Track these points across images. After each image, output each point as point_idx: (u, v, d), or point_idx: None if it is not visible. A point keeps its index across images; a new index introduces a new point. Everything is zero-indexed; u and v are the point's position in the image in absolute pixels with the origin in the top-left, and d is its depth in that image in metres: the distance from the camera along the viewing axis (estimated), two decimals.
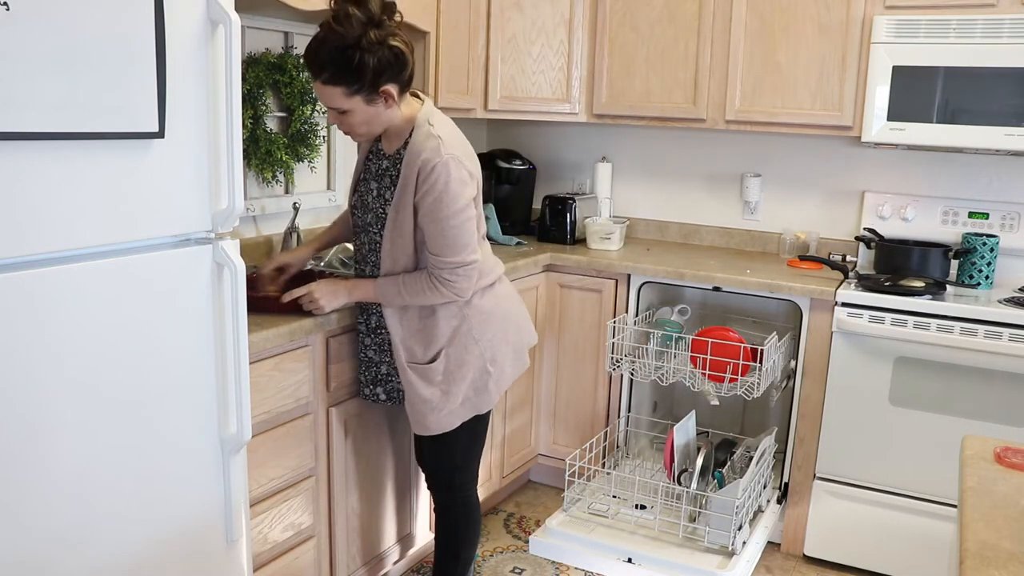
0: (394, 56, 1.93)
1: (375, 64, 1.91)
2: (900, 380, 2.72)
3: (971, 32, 2.68)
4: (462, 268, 2.05)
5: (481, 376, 2.17)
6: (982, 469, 1.45)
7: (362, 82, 1.92)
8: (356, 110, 1.98)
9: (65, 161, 1.41)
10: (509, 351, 2.24)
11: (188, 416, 1.69)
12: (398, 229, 2.07)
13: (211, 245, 1.69)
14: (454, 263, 2.04)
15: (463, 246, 2.04)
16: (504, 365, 2.22)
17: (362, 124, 2.02)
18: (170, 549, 1.69)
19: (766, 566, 2.94)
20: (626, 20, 3.25)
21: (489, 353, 2.17)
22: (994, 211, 3.03)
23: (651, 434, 3.41)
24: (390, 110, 2.02)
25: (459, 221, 2.01)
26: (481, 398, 2.19)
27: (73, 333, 1.46)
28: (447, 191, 1.98)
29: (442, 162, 1.97)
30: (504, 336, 2.22)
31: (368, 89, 1.94)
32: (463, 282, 2.06)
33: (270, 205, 2.73)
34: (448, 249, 2.03)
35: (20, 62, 1.31)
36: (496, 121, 3.92)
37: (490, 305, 2.19)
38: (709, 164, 3.56)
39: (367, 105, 1.98)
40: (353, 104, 1.97)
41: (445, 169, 1.97)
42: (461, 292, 2.08)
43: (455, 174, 1.99)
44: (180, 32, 1.55)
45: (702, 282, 2.99)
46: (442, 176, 1.97)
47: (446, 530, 2.35)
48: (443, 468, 2.30)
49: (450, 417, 2.16)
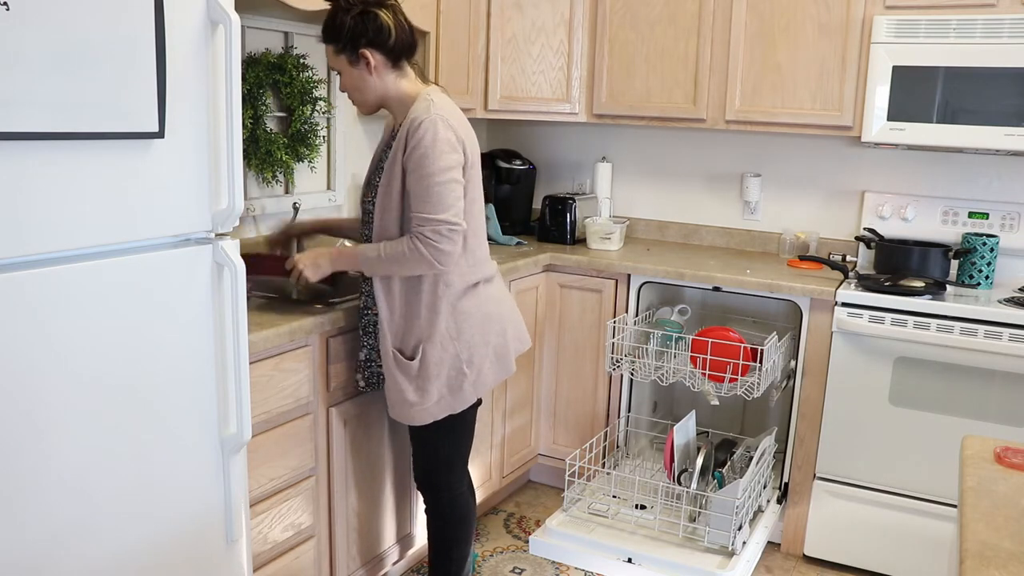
0: (373, 21, 2.04)
1: (351, 24, 2.03)
2: (900, 380, 2.72)
3: (971, 32, 2.68)
4: (445, 227, 2.00)
5: (457, 376, 2.15)
6: (982, 469, 1.45)
7: (342, 41, 2.06)
8: (344, 71, 2.11)
9: (65, 161, 1.41)
10: (489, 354, 2.20)
11: (188, 416, 1.69)
12: (388, 195, 2.09)
13: (211, 245, 1.69)
14: (436, 220, 2.00)
15: (448, 205, 2.01)
16: (483, 368, 2.19)
17: (353, 89, 2.13)
18: (170, 549, 1.69)
19: (766, 566, 2.94)
20: (626, 20, 3.25)
21: (466, 354, 2.15)
22: (994, 211, 3.03)
23: (651, 434, 3.41)
24: (376, 79, 2.09)
25: (445, 179, 2.01)
26: (456, 398, 2.17)
27: (73, 333, 1.46)
28: (434, 147, 2.00)
29: (430, 119, 2.01)
30: (484, 339, 2.18)
31: (349, 50, 2.06)
32: (445, 243, 2.01)
33: (270, 205, 2.73)
34: (431, 206, 2.00)
35: (20, 62, 1.31)
36: (496, 121, 3.92)
37: (471, 306, 2.16)
38: (709, 164, 3.56)
39: (350, 67, 2.09)
40: (340, 64, 2.10)
41: (433, 126, 2.01)
42: (441, 256, 2.01)
43: (442, 133, 2.01)
44: (180, 32, 1.55)
45: (702, 282, 2.99)
46: (429, 132, 2.00)
47: (436, 530, 2.35)
48: (427, 467, 2.30)
49: (423, 413, 2.16)
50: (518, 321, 2.34)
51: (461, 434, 2.28)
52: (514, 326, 2.31)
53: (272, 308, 2.16)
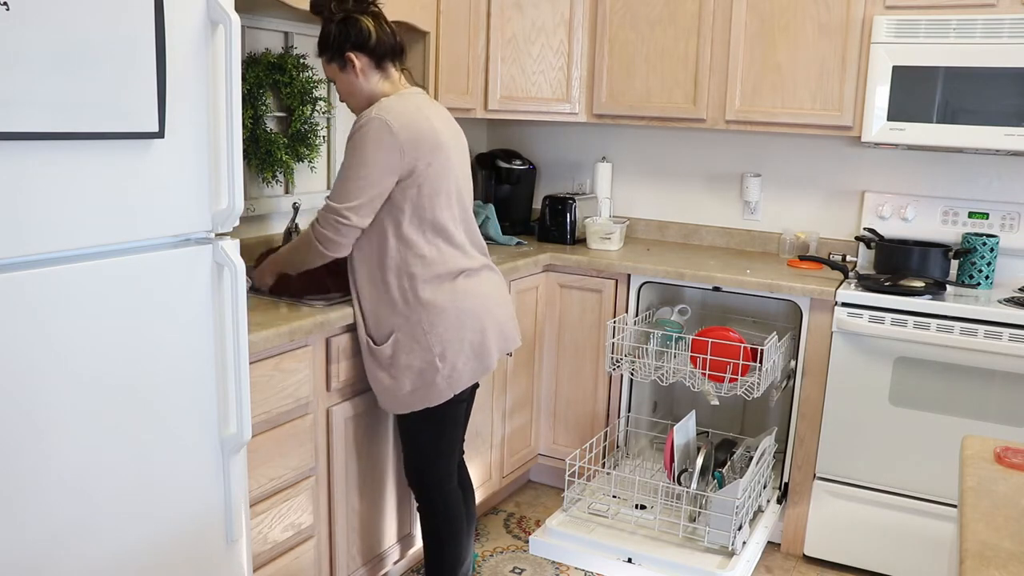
0: (354, 26, 2.12)
1: (336, 31, 2.13)
2: (900, 380, 2.72)
3: (971, 32, 2.68)
4: (334, 216, 2.07)
5: (429, 369, 2.15)
6: (982, 469, 1.45)
7: (330, 50, 2.15)
8: (337, 79, 2.19)
9: (65, 161, 1.41)
10: (465, 349, 2.19)
11: (188, 416, 1.69)
12: None
13: (211, 245, 1.69)
14: (331, 207, 2.08)
15: (344, 195, 2.07)
16: (457, 363, 2.18)
17: (347, 95, 2.20)
18: (170, 549, 1.69)
19: (766, 566, 2.94)
20: (626, 20, 3.25)
21: (439, 348, 2.15)
22: (994, 211, 3.03)
23: (651, 434, 3.41)
24: (364, 81, 2.16)
25: (356, 174, 2.06)
26: (430, 392, 2.17)
27: (73, 333, 1.46)
28: (363, 142, 2.05)
29: (370, 118, 2.07)
30: (458, 334, 2.17)
31: (337, 56, 2.15)
32: (330, 231, 2.08)
33: (270, 205, 2.73)
34: (334, 194, 2.09)
35: (20, 62, 1.31)
36: (496, 121, 3.92)
37: (444, 300, 2.15)
38: (709, 164, 3.56)
39: (341, 73, 2.17)
40: (333, 72, 2.19)
41: (369, 125, 2.06)
42: (326, 242, 2.09)
43: (374, 134, 2.05)
44: (180, 32, 1.55)
45: (702, 282, 2.99)
46: (362, 129, 2.07)
47: (426, 528, 2.36)
48: (412, 462, 2.32)
49: (397, 403, 2.20)
50: (503, 318, 2.29)
51: (443, 428, 2.27)
52: (497, 323, 2.27)
53: (272, 308, 2.16)
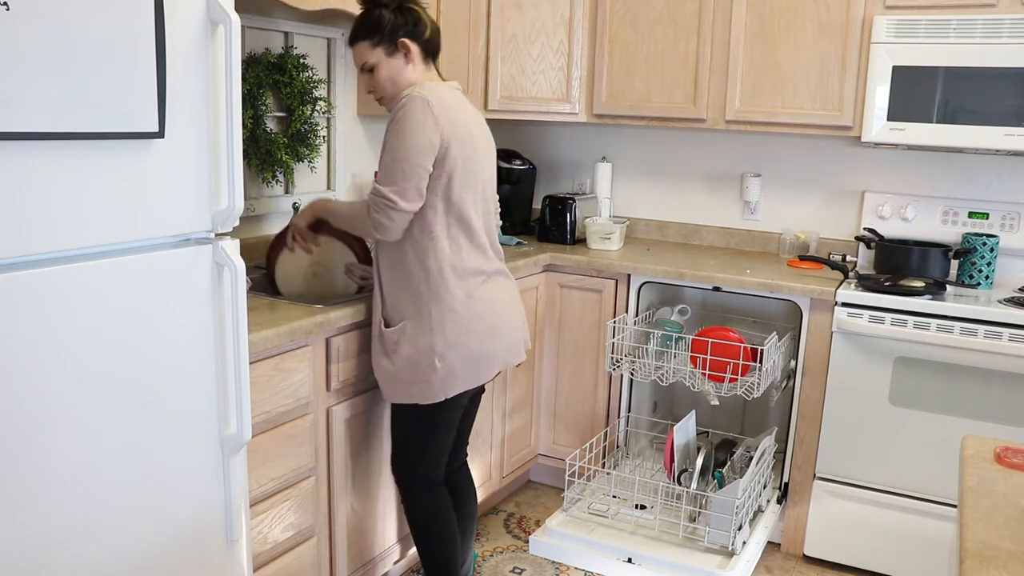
0: (411, 14, 2.17)
1: (391, 17, 2.15)
2: (900, 380, 2.72)
3: (971, 32, 2.68)
4: (383, 200, 2.07)
5: (427, 366, 2.14)
6: (982, 469, 1.45)
7: (381, 32, 2.15)
8: (380, 64, 2.17)
9: (65, 161, 1.41)
10: (466, 355, 2.17)
11: (188, 416, 1.69)
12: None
13: (211, 245, 1.69)
14: (379, 191, 2.08)
15: (390, 178, 2.07)
16: (455, 366, 2.16)
17: (386, 81, 2.18)
18: (170, 549, 1.69)
19: (766, 566, 2.94)
20: (626, 20, 3.25)
21: (440, 347, 2.14)
22: (994, 211, 3.03)
23: (651, 434, 3.41)
24: (412, 69, 2.18)
25: (403, 155, 2.06)
26: (422, 389, 2.17)
27: (73, 333, 1.46)
28: (404, 122, 2.06)
29: (411, 97, 2.08)
30: (463, 338, 2.16)
31: (387, 41, 2.15)
32: (383, 218, 2.08)
33: (270, 205, 2.73)
34: (381, 176, 2.10)
35: (20, 62, 1.31)
36: (496, 121, 3.91)
37: (456, 301, 2.15)
38: (709, 164, 3.56)
39: (388, 58, 2.16)
40: (376, 57, 2.16)
41: (411, 103, 2.07)
42: (377, 224, 2.10)
43: (418, 114, 2.06)
44: (180, 32, 1.55)
45: (702, 282, 2.99)
46: (405, 108, 2.07)
47: (411, 524, 2.36)
48: (397, 457, 2.32)
49: (392, 390, 2.21)
50: (515, 327, 2.28)
51: (434, 431, 2.26)
52: (508, 334, 2.25)
53: (272, 308, 2.16)
